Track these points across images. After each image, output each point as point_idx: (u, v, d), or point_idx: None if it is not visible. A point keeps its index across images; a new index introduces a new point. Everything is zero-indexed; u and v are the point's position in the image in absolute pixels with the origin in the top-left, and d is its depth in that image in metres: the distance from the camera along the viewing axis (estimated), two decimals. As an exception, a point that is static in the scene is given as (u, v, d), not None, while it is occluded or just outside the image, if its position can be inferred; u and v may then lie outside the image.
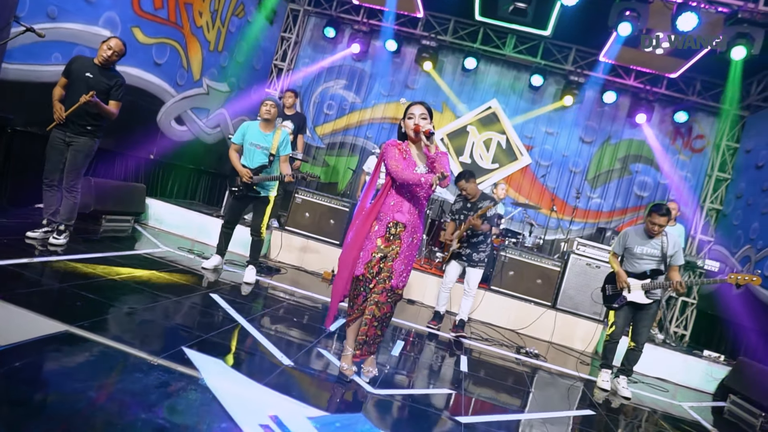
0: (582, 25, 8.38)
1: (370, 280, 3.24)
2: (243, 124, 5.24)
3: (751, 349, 7.06)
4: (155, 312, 3.57)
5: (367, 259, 3.23)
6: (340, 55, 10.15)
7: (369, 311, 3.26)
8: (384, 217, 3.26)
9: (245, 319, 3.99)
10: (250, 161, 5.14)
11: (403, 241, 3.27)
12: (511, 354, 5.50)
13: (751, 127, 8.76)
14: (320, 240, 7.16)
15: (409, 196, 3.27)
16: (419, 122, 3.20)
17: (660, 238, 4.81)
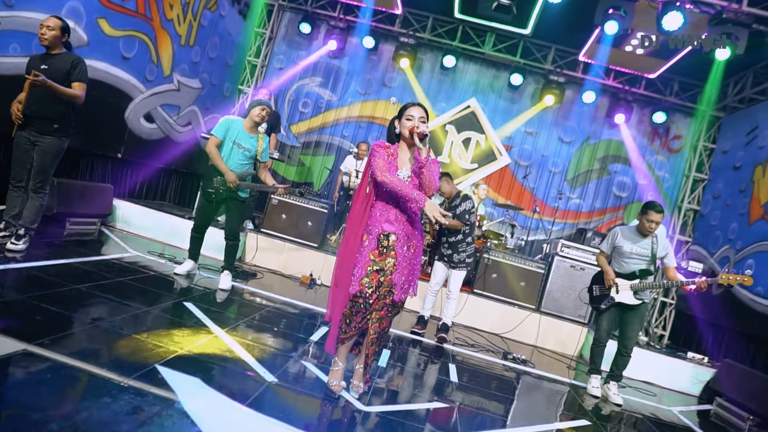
0: (562, 25, 8.29)
1: (369, 296, 3.00)
2: (225, 119, 4.89)
3: (731, 349, 7.07)
4: (125, 325, 3.28)
5: (362, 274, 3.00)
6: (316, 52, 9.86)
7: (374, 329, 3.05)
8: (373, 230, 3.03)
9: (222, 330, 3.73)
10: (228, 161, 4.84)
11: (398, 252, 3.04)
12: (498, 360, 5.34)
13: (728, 128, 8.81)
14: (298, 242, 6.90)
15: (394, 203, 3.04)
16: (418, 125, 2.99)
17: (650, 238, 4.72)
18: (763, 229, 7.13)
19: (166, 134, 7.84)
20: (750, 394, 5.37)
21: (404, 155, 3.08)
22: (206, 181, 4.95)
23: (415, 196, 2.86)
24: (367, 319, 3.04)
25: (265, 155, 5.03)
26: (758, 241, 7.13)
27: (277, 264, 6.80)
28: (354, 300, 3.01)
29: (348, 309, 3.05)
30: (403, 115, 3.06)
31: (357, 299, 3.01)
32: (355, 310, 3.03)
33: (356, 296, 3.00)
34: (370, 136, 9.90)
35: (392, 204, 3.04)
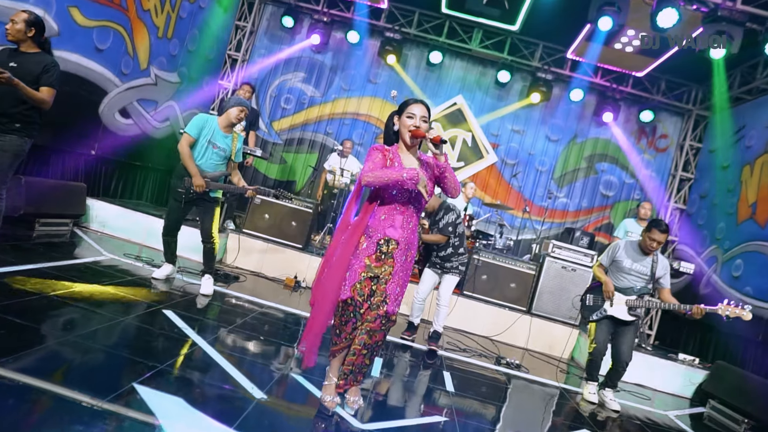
0: (550, 21, 8.16)
1: (360, 305, 2.79)
2: (199, 117, 4.60)
3: (719, 350, 7.02)
4: (99, 337, 3.02)
5: (355, 279, 2.78)
6: (299, 47, 9.59)
7: (359, 340, 2.81)
8: (374, 233, 2.82)
9: (206, 341, 3.48)
10: (203, 161, 4.57)
11: (396, 260, 2.84)
12: (491, 366, 5.17)
13: (714, 128, 8.79)
14: (281, 243, 6.65)
15: (402, 209, 2.84)
16: (420, 124, 2.78)
17: (651, 257, 4.59)
18: (751, 229, 7.09)
19: (143, 130, 7.51)
20: (744, 397, 5.29)
21: (407, 158, 2.86)
22: (176, 181, 4.65)
23: (405, 176, 2.64)
24: (358, 330, 2.83)
25: (239, 155, 4.78)
26: (747, 241, 7.10)
27: (260, 266, 6.55)
28: (344, 307, 2.80)
29: (338, 317, 2.84)
30: (403, 112, 2.84)
31: (347, 306, 2.80)
32: (345, 319, 2.82)
33: (346, 303, 2.79)
34: (355, 133, 9.67)
35: (400, 209, 2.84)
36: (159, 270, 4.81)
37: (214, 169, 4.61)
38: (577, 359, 6.35)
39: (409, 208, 2.85)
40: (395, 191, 2.79)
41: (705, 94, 8.86)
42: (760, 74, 7.31)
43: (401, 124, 2.84)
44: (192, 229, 5.56)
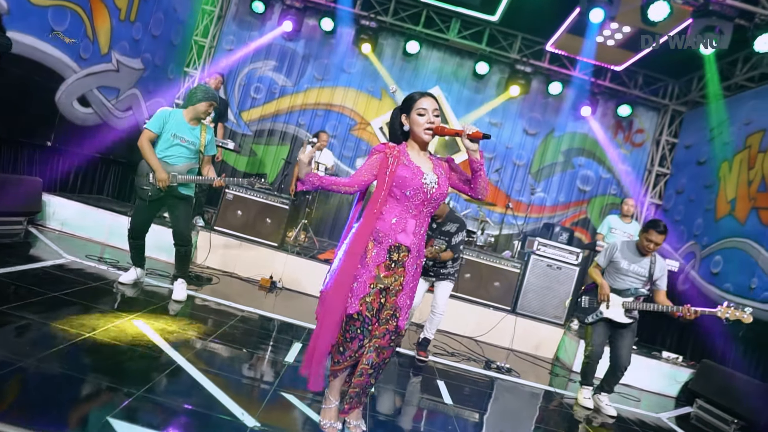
0: (530, 13, 7.99)
1: (369, 320, 2.50)
2: (162, 111, 4.20)
3: (698, 347, 7.03)
4: (62, 360, 2.65)
5: (364, 292, 2.50)
6: (270, 35, 9.14)
7: (367, 359, 2.51)
8: (384, 239, 2.53)
9: (184, 357, 3.14)
10: (170, 155, 4.18)
11: (407, 269, 2.57)
12: (482, 371, 4.97)
13: (690, 123, 8.81)
14: (255, 242, 6.29)
15: (415, 212, 2.56)
16: (432, 119, 2.51)
17: (649, 257, 4.44)
18: (730, 226, 7.10)
19: (104, 120, 6.99)
20: (732, 396, 5.24)
21: (419, 158, 2.59)
22: (140, 178, 4.25)
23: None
24: (364, 347, 2.54)
25: (211, 148, 4.41)
26: (725, 237, 7.11)
27: (233, 265, 6.17)
28: (350, 322, 2.51)
29: (341, 334, 2.55)
30: (412, 108, 2.56)
31: (354, 321, 2.50)
32: (351, 335, 2.52)
33: (353, 318, 2.50)
34: (328, 125, 9.32)
35: (414, 212, 2.56)
36: (126, 274, 4.41)
37: (180, 163, 4.23)
38: (562, 359, 6.23)
39: (422, 212, 2.57)
40: (409, 191, 2.51)
41: (681, 90, 8.87)
42: (739, 71, 7.30)
43: (413, 122, 2.55)
44: (159, 226, 5.16)
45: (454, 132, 2.48)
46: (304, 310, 5.44)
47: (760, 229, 6.55)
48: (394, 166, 2.51)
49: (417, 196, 2.52)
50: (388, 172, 2.51)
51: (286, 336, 4.35)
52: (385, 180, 2.52)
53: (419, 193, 2.51)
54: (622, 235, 6.93)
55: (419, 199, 2.53)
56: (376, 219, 2.53)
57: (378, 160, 2.56)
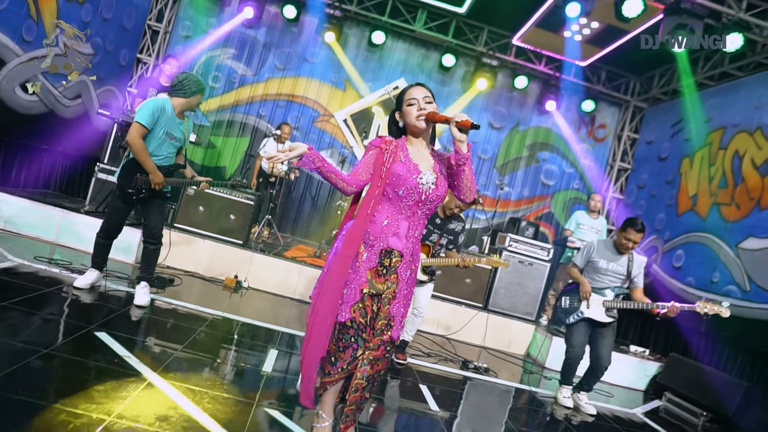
0: (497, 5, 7.92)
1: (363, 327, 2.32)
2: (153, 102, 3.80)
3: (660, 340, 7.17)
4: (12, 384, 2.34)
5: (355, 298, 2.31)
6: (231, 23, 8.68)
7: (362, 373, 2.32)
8: (375, 242, 2.34)
9: (156, 373, 2.87)
10: (160, 155, 3.88)
11: (400, 275, 2.38)
12: (460, 372, 4.86)
13: (652, 119, 8.96)
14: (218, 239, 5.98)
15: (409, 214, 2.37)
16: (424, 106, 2.34)
17: (627, 255, 4.42)
18: (692, 221, 7.25)
19: (50, 108, 6.48)
20: (701, 389, 5.34)
21: (418, 152, 2.40)
22: (125, 180, 3.90)
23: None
24: (357, 359, 2.35)
25: (186, 141, 4.12)
26: (687, 232, 7.26)
27: (195, 265, 5.85)
28: (343, 330, 2.31)
29: (334, 343, 2.34)
30: (403, 102, 2.40)
31: (347, 329, 2.31)
32: (344, 344, 2.32)
33: (345, 325, 2.31)
34: (290, 116, 9.00)
35: (407, 213, 2.37)
36: (82, 277, 4.05)
37: (169, 162, 3.93)
38: (534, 356, 6.21)
39: (416, 213, 2.38)
40: (402, 191, 2.32)
41: (643, 86, 9.00)
42: (700, 69, 7.43)
43: (405, 115, 2.39)
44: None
45: (444, 119, 2.27)
46: (274, 312, 5.21)
47: (721, 225, 6.70)
48: (390, 162, 2.32)
49: (411, 196, 2.33)
50: (383, 169, 2.33)
51: (260, 342, 4.11)
52: (379, 177, 2.34)
53: (413, 193, 2.33)
54: (589, 231, 6.97)
55: (413, 200, 2.34)
56: (368, 220, 2.34)
57: (373, 157, 2.37)
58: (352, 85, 9.18)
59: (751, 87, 6.81)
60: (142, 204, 4.03)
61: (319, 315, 2.28)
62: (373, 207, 2.34)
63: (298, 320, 5.11)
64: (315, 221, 9.05)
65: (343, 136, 9.13)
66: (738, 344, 5.89)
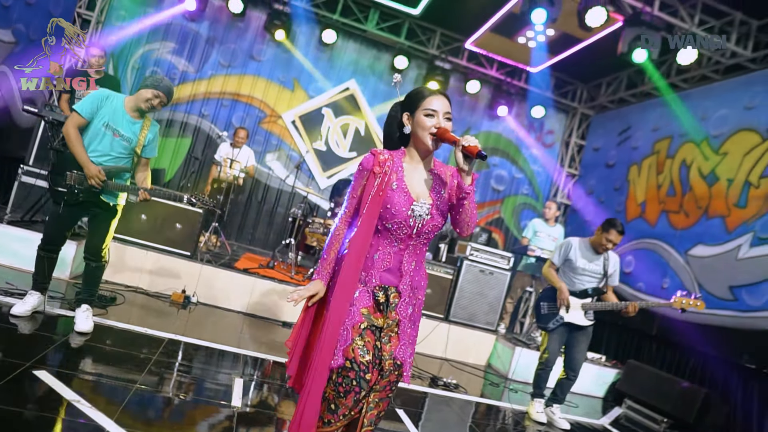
0: (451, 8, 7.82)
1: (365, 367, 2.00)
2: (100, 92, 3.44)
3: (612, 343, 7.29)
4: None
5: (347, 341, 1.97)
6: (169, 12, 8.10)
7: (369, 419, 2.03)
8: (368, 279, 2.04)
9: (113, 420, 2.46)
10: (98, 150, 3.41)
11: (400, 314, 2.05)
12: (430, 390, 4.65)
13: (599, 126, 9.15)
14: (163, 250, 5.50)
15: (402, 246, 2.06)
16: (442, 122, 2.04)
17: (603, 254, 4.39)
18: (640, 227, 7.43)
19: (-36, 103, 5.75)
20: (660, 396, 5.42)
21: (417, 172, 2.08)
22: (56, 176, 3.46)
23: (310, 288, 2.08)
24: (362, 403, 2.06)
25: (151, 149, 3.66)
26: (636, 239, 7.42)
27: (137, 279, 5.34)
28: (343, 372, 2.00)
29: (333, 388, 2.03)
30: (418, 107, 2.04)
31: (347, 372, 1.98)
32: (345, 388, 1.98)
33: (346, 368, 2.00)
34: (235, 116, 8.52)
35: (400, 246, 2.05)
36: (20, 303, 3.50)
37: (116, 164, 3.46)
38: (495, 366, 6.12)
39: (409, 246, 2.07)
40: (391, 224, 2.03)
41: (590, 94, 9.18)
42: (647, 79, 7.62)
43: (416, 124, 2.04)
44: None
45: (453, 139, 1.95)
46: (228, 332, 4.82)
47: (670, 232, 6.88)
48: (380, 189, 2.02)
49: (401, 229, 2.03)
50: (372, 197, 2.01)
51: (222, 369, 3.74)
52: (368, 209, 2.04)
53: (403, 226, 2.03)
54: (546, 238, 6.97)
55: (404, 233, 2.04)
56: (360, 256, 2.05)
57: (361, 185, 2.07)
58: (301, 84, 8.81)
59: (697, 99, 7.04)
60: (89, 217, 3.58)
61: (317, 365, 1.97)
62: (365, 238, 2.04)
63: (255, 340, 4.75)
64: (261, 227, 8.62)
65: (291, 138, 8.75)
66: (689, 349, 6.03)
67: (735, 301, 5.73)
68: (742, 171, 6.09)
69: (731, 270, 5.86)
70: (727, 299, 5.83)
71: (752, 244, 5.72)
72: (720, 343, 5.69)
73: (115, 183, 3.47)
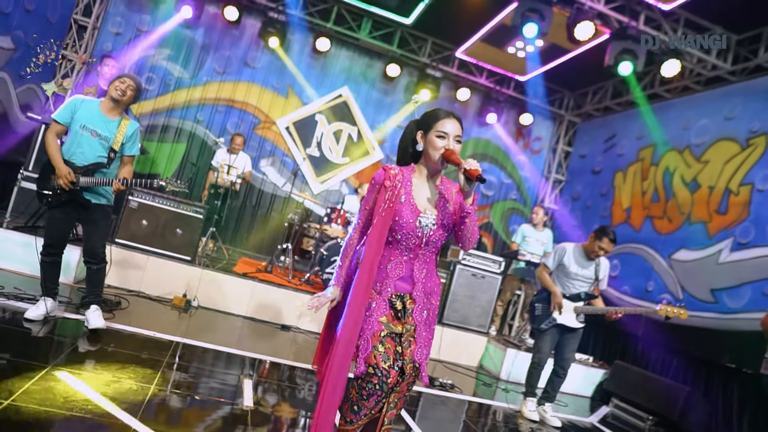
0: (443, 18, 8.02)
1: (387, 373, 2.17)
2: (73, 98, 3.64)
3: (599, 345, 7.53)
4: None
5: (368, 349, 2.14)
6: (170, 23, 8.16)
7: (389, 418, 2.22)
8: (383, 289, 2.20)
9: (137, 419, 2.60)
10: (78, 152, 3.56)
11: (416, 318, 2.24)
12: (427, 390, 4.82)
13: (585, 134, 9.42)
14: (163, 255, 5.60)
15: (412, 255, 2.23)
16: (452, 145, 2.20)
17: (595, 260, 4.60)
18: (626, 232, 7.68)
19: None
20: (646, 394, 5.65)
21: (424, 187, 2.26)
22: (42, 180, 3.63)
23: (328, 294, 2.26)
24: (383, 403, 2.23)
25: (130, 147, 3.78)
26: (622, 243, 7.65)
27: (139, 283, 5.45)
28: (367, 378, 2.17)
29: (356, 391, 2.20)
30: (432, 128, 2.22)
31: (370, 378, 2.16)
32: (368, 392, 2.16)
33: (369, 374, 2.17)
34: (230, 122, 8.64)
35: (410, 255, 2.23)
36: (34, 308, 3.61)
37: (86, 161, 3.60)
38: (487, 367, 6.31)
39: (419, 255, 2.25)
40: (400, 235, 2.21)
41: (576, 102, 9.45)
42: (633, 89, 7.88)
43: (428, 143, 2.22)
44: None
45: (457, 162, 2.13)
46: (231, 334, 4.95)
47: (654, 236, 7.14)
48: (392, 202, 2.21)
49: (410, 239, 2.20)
50: (384, 209, 2.19)
51: (231, 371, 3.87)
52: (379, 220, 2.21)
53: (412, 237, 2.20)
54: (535, 243, 7.18)
55: (413, 243, 2.22)
56: (373, 267, 2.22)
57: (373, 198, 2.25)
58: (295, 91, 8.96)
59: (680, 109, 7.32)
60: (81, 220, 3.72)
61: (334, 368, 2.14)
62: (378, 250, 2.22)
63: (257, 342, 4.89)
64: (255, 232, 8.73)
65: (285, 144, 8.88)
66: (674, 350, 6.28)
67: (716, 304, 6.00)
68: (722, 179, 6.36)
69: (712, 274, 6.13)
70: (708, 302, 6.09)
71: (732, 248, 5.99)
72: (702, 344, 5.95)
73: (88, 179, 3.59)
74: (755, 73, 6.34)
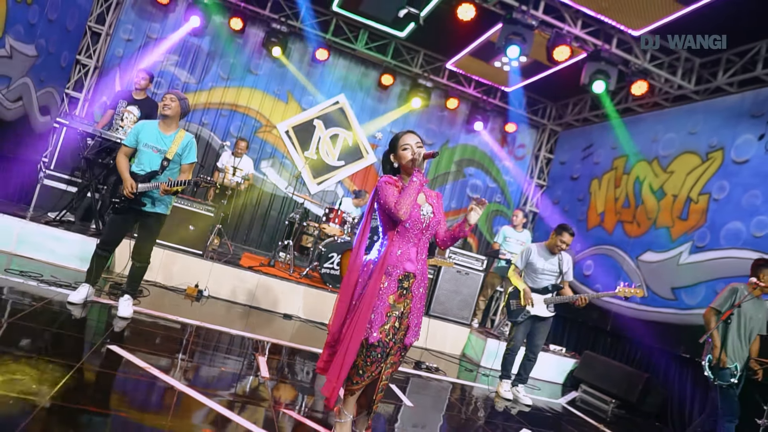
0: (434, 32, 8.61)
1: (388, 345, 2.80)
2: (136, 125, 4.23)
3: (572, 337, 8.20)
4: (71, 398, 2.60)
5: (382, 321, 2.78)
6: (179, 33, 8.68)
7: (386, 376, 2.84)
8: (393, 270, 2.82)
9: (178, 380, 3.17)
10: (145, 166, 4.14)
11: (414, 293, 2.90)
12: (415, 371, 5.43)
13: (565, 142, 10.08)
14: (178, 249, 6.15)
15: (416, 241, 2.88)
16: (416, 150, 2.85)
17: (558, 255, 5.23)
18: (599, 235, 8.35)
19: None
20: (610, 381, 6.31)
21: None
22: (114, 189, 4.26)
23: (416, 180, 2.79)
24: (381, 367, 2.85)
25: (187, 155, 4.30)
26: (596, 245, 8.34)
27: (155, 275, 5.98)
28: (371, 349, 2.79)
29: (362, 359, 2.81)
30: (398, 146, 2.90)
31: (375, 348, 2.78)
32: (371, 359, 2.80)
33: (375, 345, 2.79)
34: (233, 126, 9.19)
35: (414, 241, 2.88)
36: (76, 293, 4.17)
37: (146, 171, 4.17)
38: (469, 355, 6.93)
39: (421, 240, 2.91)
40: (408, 224, 2.83)
41: (558, 112, 10.10)
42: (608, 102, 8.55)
43: (401, 158, 2.89)
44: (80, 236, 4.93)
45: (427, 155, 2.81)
46: (242, 320, 5.51)
47: (624, 239, 7.81)
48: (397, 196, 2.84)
49: (415, 226, 2.85)
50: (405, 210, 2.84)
51: (244, 349, 4.45)
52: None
53: (417, 224, 2.85)
54: (515, 243, 7.81)
55: (417, 229, 2.86)
56: (387, 254, 2.83)
57: (396, 189, 2.86)
58: (295, 97, 9.52)
59: (650, 122, 7.99)
60: (140, 225, 4.29)
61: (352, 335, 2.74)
62: (390, 241, 2.84)
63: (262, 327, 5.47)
64: (256, 229, 9.28)
65: (285, 146, 9.44)
66: (637, 341, 6.94)
67: (675, 301, 6.66)
68: (684, 188, 7.03)
69: (673, 274, 6.79)
70: (669, 299, 6.76)
71: (691, 251, 6.65)
72: (662, 337, 6.61)
73: (145, 184, 4.16)
74: (715, 93, 7.02)
